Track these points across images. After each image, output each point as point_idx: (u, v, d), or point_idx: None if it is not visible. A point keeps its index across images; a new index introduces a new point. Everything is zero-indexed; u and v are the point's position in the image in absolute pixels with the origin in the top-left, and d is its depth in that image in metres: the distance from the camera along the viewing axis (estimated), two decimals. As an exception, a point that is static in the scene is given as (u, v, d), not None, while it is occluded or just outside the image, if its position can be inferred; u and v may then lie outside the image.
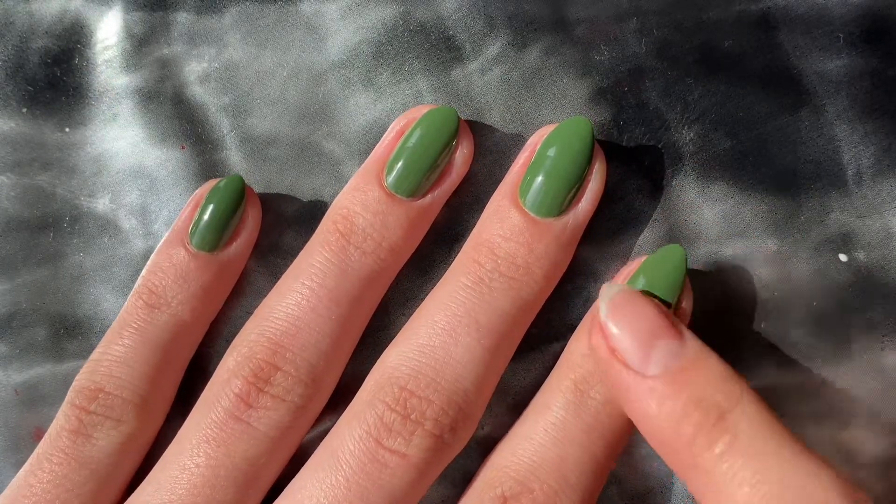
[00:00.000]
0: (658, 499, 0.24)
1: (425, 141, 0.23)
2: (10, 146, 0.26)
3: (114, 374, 0.24)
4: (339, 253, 0.23)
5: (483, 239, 0.23)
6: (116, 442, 0.23)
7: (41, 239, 0.26)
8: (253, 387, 0.22)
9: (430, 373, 0.22)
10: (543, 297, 0.23)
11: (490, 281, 0.22)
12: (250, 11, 0.25)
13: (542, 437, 0.22)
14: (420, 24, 0.25)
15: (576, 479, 0.21)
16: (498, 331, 0.22)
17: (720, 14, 0.23)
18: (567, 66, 0.24)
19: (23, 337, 0.26)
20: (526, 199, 0.23)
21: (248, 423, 0.22)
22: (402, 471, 0.21)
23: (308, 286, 0.23)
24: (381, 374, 0.22)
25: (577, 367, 0.22)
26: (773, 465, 0.18)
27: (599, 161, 0.23)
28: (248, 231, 0.25)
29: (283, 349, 0.23)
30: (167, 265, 0.24)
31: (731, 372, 0.19)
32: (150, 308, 0.24)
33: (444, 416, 0.22)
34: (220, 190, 0.24)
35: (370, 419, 0.22)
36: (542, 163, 0.23)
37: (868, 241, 0.24)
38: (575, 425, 0.22)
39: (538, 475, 0.21)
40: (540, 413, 0.22)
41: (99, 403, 0.23)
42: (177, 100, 0.26)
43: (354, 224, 0.23)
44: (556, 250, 0.23)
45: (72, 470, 0.23)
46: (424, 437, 0.21)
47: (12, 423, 0.26)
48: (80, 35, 0.26)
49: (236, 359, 0.23)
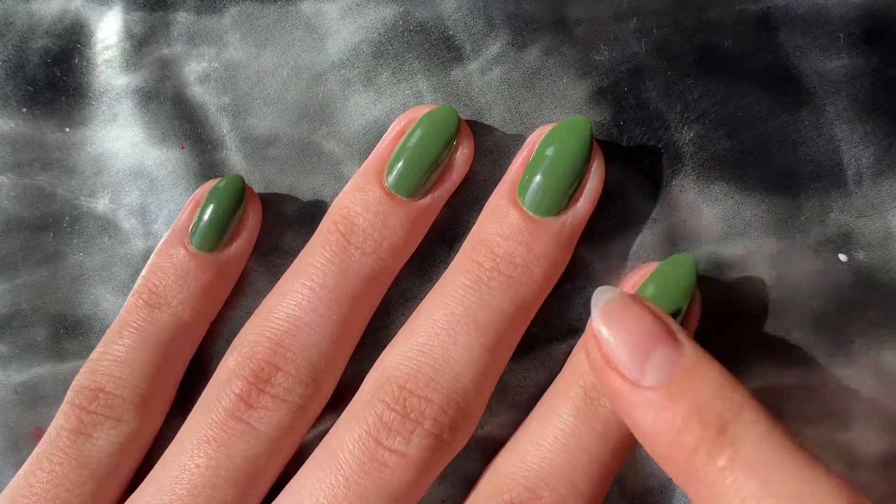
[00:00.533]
0: (658, 499, 0.24)
1: (426, 141, 0.23)
2: (10, 146, 0.26)
3: (114, 373, 0.24)
4: (339, 253, 0.23)
5: (482, 238, 0.23)
6: (117, 442, 0.23)
7: (41, 239, 0.26)
8: (253, 387, 0.22)
9: (430, 372, 0.22)
10: (542, 296, 0.23)
11: (489, 280, 0.22)
12: (250, 11, 0.25)
13: (550, 444, 0.22)
14: (420, 24, 0.25)
15: (584, 485, 0.21)
16: (497, 330, 0.22)
17: (720, 14, 0.23)
18: (567, 66, 0.24)
19: (23, 337, 0.26)
20: (524, 198, 0.23)
21: (249, 423, 0.22)
22: (401, 470, 0.21)
23: (309, 286, 0.23)
24: (381, 374, 0.22)
25: (586, 374, 0.22)
26: (777, 477, 0.18)
27: (598, 160, 0.23)
28: (248, 231, 0.25)
29: (284, 349, 0.23)
30: (167, 265, 0.24)
31: (732, 380, 0.19)
32: (151, 308, 0.24)
33: (444, 415, 0.22)
34: (220, 190, 0.24)
35: (370, 419, 0.22)
36: (540, 162, 0.23)
37: (868, 241, 0.24)
38: (585, 433, 0.22)
39: (547, 482, 0.21)
40: (548, 419, 0.22)
41: (99, 403, 0.23)
42: (177, 100, 0.26)
43: (355, 224, 0.23)
44: (554, 249, 0.23)
45: (72, 469, 0.23)
46: (424, 437, 0.21)
47: (12, 423, 0.26)
48: (80, 35, 0.26)
49: (237, 359, 0.23)
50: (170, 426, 0.24)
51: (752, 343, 0.24)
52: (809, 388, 0.24)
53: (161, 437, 0.25)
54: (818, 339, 0.24)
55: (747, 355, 0.24)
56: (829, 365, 0.24)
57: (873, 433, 0.23)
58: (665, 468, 0.19)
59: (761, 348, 0.24)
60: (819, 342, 0.24)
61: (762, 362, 0.24)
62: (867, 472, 0.23)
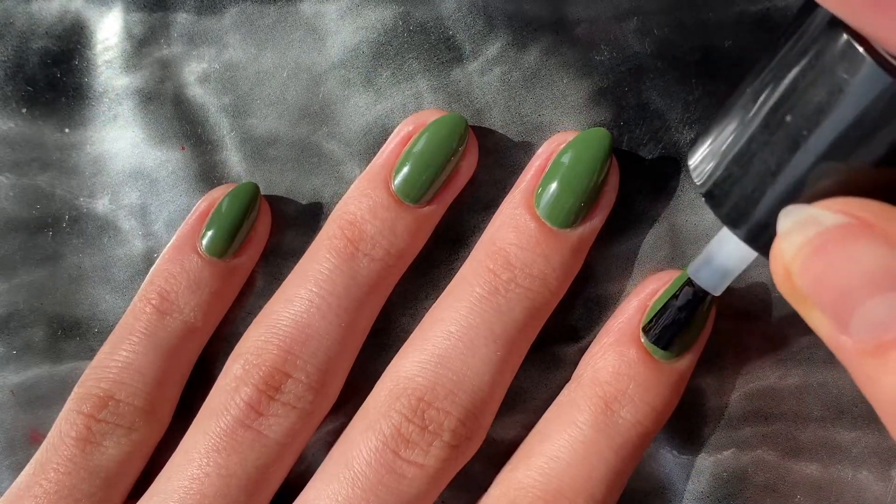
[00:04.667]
0: (659, 499, 0.24)
1: (434, 147, 0.23)
2: (9, 146, 0.26)
3: (125, 381, 0.23)
4: (348, 260, 0.23)
5: (498, 248, 0.23)
6: (126, 450, 0.23)
7: (40, 239, 0.26)
8: (263, 394, 0.22)
9: (448, 384, 0.22)
10: (555, 304, 0.23)
11: (506, 291, 0.22)
12: (250, 12, 0.25)
13: (569, 456, 0.22)
14: (420, 24, 0.25)
15: (602, 496, 0.21)
16: (512, 340, 0.22)
17: (720, 14, 0.24)
18: (567, 66, 0.24)
19: (20, 337, 0.26)
20: (542, 208, 0.23)
21: (259, 430, 0.22)
22: (419, 481, 0.21)
23: (317, 293, 0.23)
24: (396, 384, 0.22)
25: (605, 385, 0.22)
26: None
27: (614, 173, 0.23)
28: (259, 238, 0.25)
29: (294, 356, 0.22)
30: (178, 271, 0.24)
31: None
32: (161, 314, 0.24)
33: (462, 427, 0.22)
34: (235, 197, 0.24)
35: (386, 430, 0.22)
36: (559, 172, 0.23)
37: (868, 242, 0.24)
38: (605, 445, 0.22)
39: (566, 494, 0.21)
40: (565, 430, 0.22)
41: (109, 411, 0.23)
42: (177, 100, 0.26)
43: (363, 231, 0.23)
44: (570, 260, 0.23)
45: (80, 479, 0.23)
46: (442, 449, 0.21)
47: (8, 424, 0.26)
48: (81, 35, 0.26)
49: (244, 366, 0.23)
50: (168, 432, 0.24)
51: (752, 343, 0.24)
52: (809, 388, 0.23)
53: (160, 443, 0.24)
54: (818, 339, 0.23)
55: (747, 355, 0.24)
56: (829, 365, 0.23)
57: (873, 433, 0.23)
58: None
59: (761, 348, 0.24)
60: (819, 342, 0.23)
61: (762, 362, 0.24)
62: (868, 471, 0.23)
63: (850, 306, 0.15)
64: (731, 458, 0.24)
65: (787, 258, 0.16)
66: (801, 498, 0.23)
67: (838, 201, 0.16)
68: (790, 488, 0.23)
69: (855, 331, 0.15)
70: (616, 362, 0.22)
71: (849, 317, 0.15)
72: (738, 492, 0.23)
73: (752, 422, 0.24)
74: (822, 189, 0.17)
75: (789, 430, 0.23)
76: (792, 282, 0.16)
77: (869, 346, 0.15)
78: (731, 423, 0.24)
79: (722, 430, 0.24)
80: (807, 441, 0.23)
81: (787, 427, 0.23)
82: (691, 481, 0.24)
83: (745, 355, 0.24)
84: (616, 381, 0.22)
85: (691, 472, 0.24)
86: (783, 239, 0.17)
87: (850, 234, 0.16)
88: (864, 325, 0.15)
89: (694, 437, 0.24)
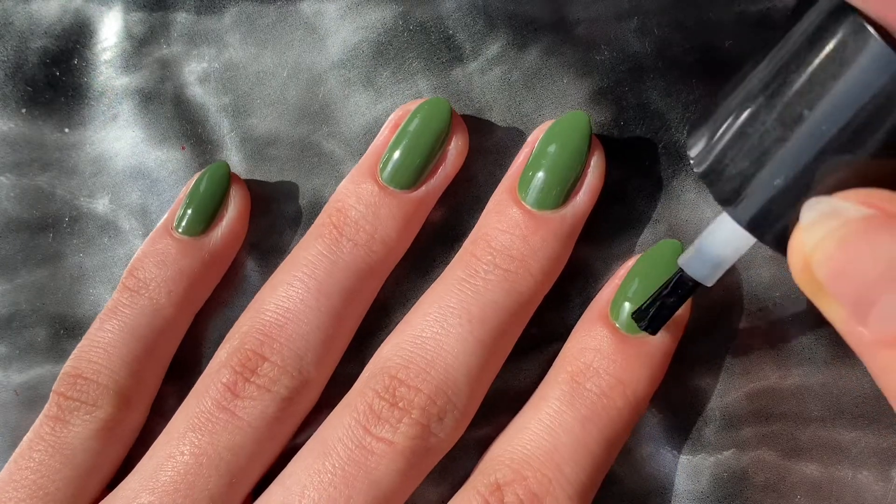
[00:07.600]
0: (658, 499, 0.24)
1: (417, 131, 0.23)
2: (9, 146, 0.26)
3: (92, 359, 0.24)
4: (331, 245, 0.23)
5: (481, 234, 0.23)
6: (91, 427, 0.23)
7: (41, 239, 0.26)
8: (240, 376, 0.23)
9: (421, 362, 0.22)
10: (541, 292, 0.23)
11: (485, 273, 0.23)
12: (250, 11, 0.25)
13: (536, 427, 0.22)
14: (420, 23, 0.25)
15: (570, 470, 0.21)
16: (491, 323, 0.22)
17: (721, 14, 0.23)
18: (567, 66, 0.24)
19: (23, 337, 0.26)
20: (524, 192, 0.23)
21: (234, 412, 0.23)
22: (388, 458, 0.21)
23: (298, 278, 0.23)
24: (374, 365, 0.23)
25: (573, 360, 0.22)
26: None
27: (598, 154, 0.23)
28: (232, 215, 0.25)
29: (271, 340, 0.23)
30: (150, 250, 0.24)
31: None
32: (132, 293, 0.24)
33: (432, 405, 0.22)
34: (202, 175, 0.24)
35: (360, 407, 0.22)
36: (540, 157, 0.23)
37: (868, 241, 0.24)
38: (569, 415, 0.22)
39: (531, 463, 0.21)
40: (536, 406, 0.22)
41: (76, 389, 0.24)
42: (177, 100, 0.26)
43: (347, 216, 0.23)
44: (553, 243, 0.23)
45: (49, 456, 0.23)
46: (411, 426, 0.22)
47: (12, 423, 0.26)
48: (80, 35, 0.26)
49: (227, 350, 0.23)
50: (164, 421, 0.24)
51: (752, 343, 0.24)
52: (810, 389, 0.23)
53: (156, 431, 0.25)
54: (818, 339, 0.24)
55: (747, 355, 0.24)
56: (829, 365, 0.23)
57: (873, 433, 0.23)
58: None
59: (761, 348, 0.24)
60: (819, 342, 0.24)
61: (762, 362, 0.24)
62: (868, 471, 0.23)
63: (870, 298, 0.15)
64: (732, 458, 0.24)
65: (807, 249, 0.16)
66: (801, 498, 0.23)
67: (861, 192, 0.16)
68: (790, 488, 0.23)
69: (873, 322, 0.15)
70: (583, 338, 0.23)
71: (868, 308, 0.15)
72: (738, 492, 0.23)
73: (753, 422, 0.24)
74: (823, 170, 0.17)
75: (789, 430, 0.23)
76: (810, 272, 0.16)
77: (887, 336, 0.15)
78: (732, 423, 0.24)
79: (722, 430, 0.24)
80: (807, 441, 0.23)
81: (787, 427, 0.23)
82: (691, 481, 0.24)
83: (746, 355, 0.24)
84: (582, 354, 0.22)
85: (691, 472, 0.24)
86: (805, 231, 0.17)
87: (872, 226, 0.16)
88: (883, 316, 0.15)
89: (694, 437, 0.24)
